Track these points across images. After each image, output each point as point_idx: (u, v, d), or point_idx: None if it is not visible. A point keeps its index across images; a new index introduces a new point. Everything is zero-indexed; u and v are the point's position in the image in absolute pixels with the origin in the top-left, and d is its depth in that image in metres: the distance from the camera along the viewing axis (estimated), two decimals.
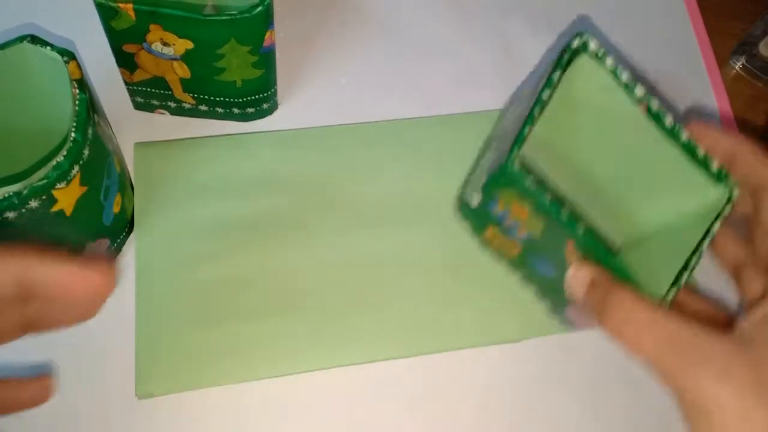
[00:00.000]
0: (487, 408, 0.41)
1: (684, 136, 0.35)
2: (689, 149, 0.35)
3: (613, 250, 0.33)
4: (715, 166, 0.35)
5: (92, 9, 0.38)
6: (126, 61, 0.42)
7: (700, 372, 0.29)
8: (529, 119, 0.34)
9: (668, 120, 0.35)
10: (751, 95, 0.54)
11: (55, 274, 0.26)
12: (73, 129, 0.34)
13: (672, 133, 0.35)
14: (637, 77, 0.36)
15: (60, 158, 0.33)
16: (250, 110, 0.46)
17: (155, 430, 0.39)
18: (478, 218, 0.40)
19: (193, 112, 0.46)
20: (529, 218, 0.34)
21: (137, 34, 0.39)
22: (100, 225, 0.39)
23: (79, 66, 0.35)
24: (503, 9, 0.53)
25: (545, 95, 0.34)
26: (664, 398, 0.43)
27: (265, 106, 0.46)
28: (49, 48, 0.36)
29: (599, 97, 0.36)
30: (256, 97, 0.45)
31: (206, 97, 0.44)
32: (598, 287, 0.33)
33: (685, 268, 0.33)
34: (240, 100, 0.44)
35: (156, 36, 0.39)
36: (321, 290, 0.42)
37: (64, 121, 0.36)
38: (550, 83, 0.34)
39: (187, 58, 0.40)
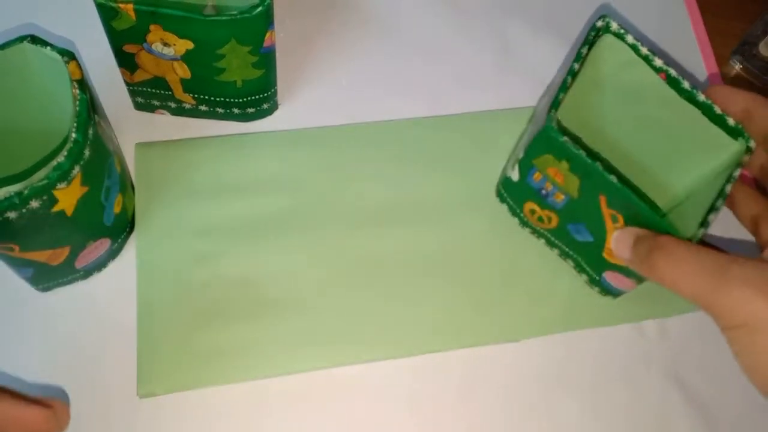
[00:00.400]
0: (487, 408, 0.41)
1: (701, 97, 0.38)
2: (707, 109, 0.38)
3: (643, 197, 0.37)
4: (731, 122, 0.38)
5: (92, 9, 0.38)
6: (126, 62, 0.42)
7: (734, 291, 0.31)
8: (563, 87, 0.37)
9: (686, 84, 0.38)
10: None
11: (5, 413, 0.30)
12: (74, 129, 0.34)
13: (690, 96, 0.38)
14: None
15: (61, 158, 0.33)
16: (251, 110, 0.46)
17: (157, 429, 0.39)
18: (517, 195, 0.43)
19: (193, 113, 0.46)
20: (566, 179, 0.38)
21: (137, 35, 0.39)
22: (100, 225, 0.39)
23: (79, 66, 0.35)
24: (503, 9, 0.53)
25: (575, 66, 0.38)
26: (664, 398, 0.43)
27: (265, 106, 0.46)
28: (49, 48, 0.36)
29: (623, 71, 0.40)
30: (257, 97, 0.45)
31: (206, 97, 0.44)
32: (642, 242, 0.35)
33: (711, 210, 0.35)
34: (240, 100, 0.45)
35: (156, 36, 0.39)
36: (321, 290, 0.42)
37: (65, 121, 0.36)
38: (579, 57, 0.38)
39: (187, 58, 0.40)
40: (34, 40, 0.36)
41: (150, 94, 0.45)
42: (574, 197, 0.38)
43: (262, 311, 0.42)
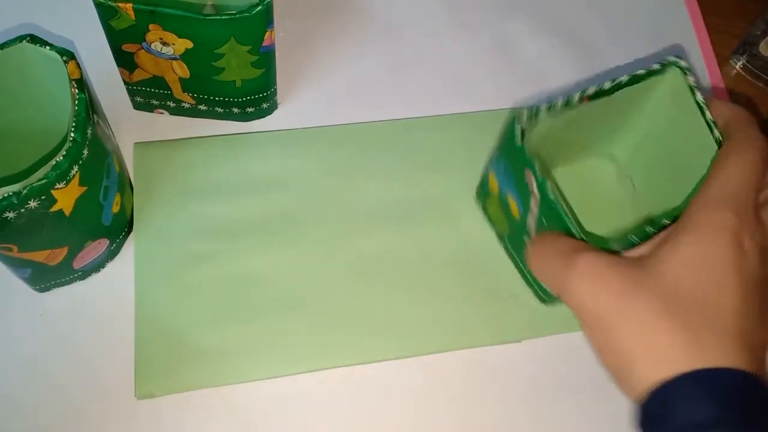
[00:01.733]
0: (488, 408, 0.41)
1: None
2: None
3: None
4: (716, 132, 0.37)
5: (92, 9, 0.38)
6: (125, 61, 0.41)
7: (577, 286, 0.31)
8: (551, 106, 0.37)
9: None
10: (752, 95, 0.53)
11: None
12: (73, 129, 0.34)
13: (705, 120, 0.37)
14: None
15: (59, 158, 0.33)
16: (250, 110, 0.46)
17: (155, 430, 0.39)
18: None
19: (192, 112, 0.46)
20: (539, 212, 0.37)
21: (137, 34, 0.39)
22: (99, 225, 0.39)
23: (78, 66, 0.35)
24: (503, 9, 0.53)
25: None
26: None
27: (264, 105, 0.46)
28: (48, 48, 0.36)
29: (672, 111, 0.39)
30: (256, 96, 0.45)
31: (206, 96, 0.44)
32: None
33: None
34: (239, 99, 0.44)
35: (155, 35, 0.39)
36: (321, 290, 0.42)
37: (64, 121, 0.36)
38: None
39: (186, 57, 0.40)
40: (34, 39, 0.36)
41: (149, 94, 0.45)
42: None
43: (260, 312, 0.41)
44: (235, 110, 0.46)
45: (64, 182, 0.33)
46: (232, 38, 0.39)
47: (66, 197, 0.34)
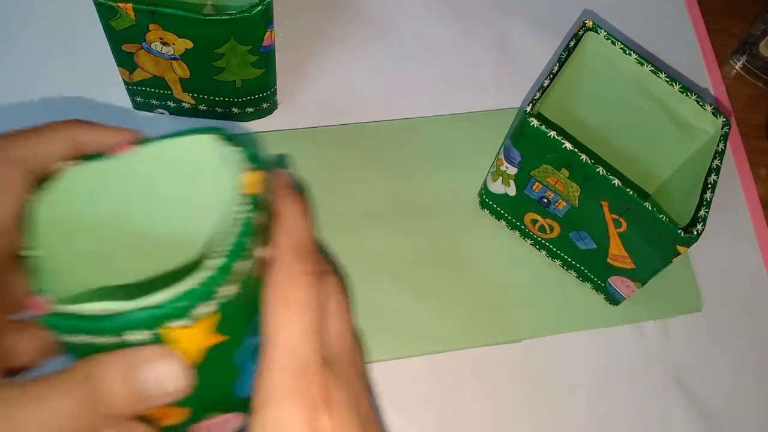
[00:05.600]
0: (487, 408, 0.41)
1: (677, 86, 0.39)
2: (684, 94, 0.39)
3: (643, 197, 0.37)
4: (708, 107, 0.39)
5: (92, 9, 0.38)
6: (125, 61, 0.41)
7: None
8: (541, 87, 0.38)
9: (662, 75, 0.40)
10: (752, 95, 0.53)
11: (99, 135, 0.30)
12: (226, 253, 0.23)
13: (669, 83, 0.39)
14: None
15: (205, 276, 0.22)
16: (250, 110, 0.46)
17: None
18: (515, 208, 0.43)
19: (192, 112, 0.46)
20: (566, 187, 0.38)
21: (137, 34, 0.39)
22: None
23: (263, 179, 0.25)
24: (503, 9, 0.53)
25: (554, 68, 0.39)
26: (664, 398, 0.43)
27: (264, 105, 0.46)
28: (234, 150, 0.26)
29: (605, 65, 0.41)
30: (256, 96, 0.45)
31: (206, 96, 0.44)
32: None
33: (705, 186, 0.36)
34: (239, 99, 0.44)
35: (155, 35, 0.39)
36: None
37: (204, 235, 0.27)
38: (560, 59, 0.39)
39: (186, 57, 0.40)
40: (219, 136, 0.27)
41: (149, 94, 0.45)
42: (576, 205, 0.39)
43: None
44: (235, 110, 0.46)
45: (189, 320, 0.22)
46: (232, 38, 0.39)
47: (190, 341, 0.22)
